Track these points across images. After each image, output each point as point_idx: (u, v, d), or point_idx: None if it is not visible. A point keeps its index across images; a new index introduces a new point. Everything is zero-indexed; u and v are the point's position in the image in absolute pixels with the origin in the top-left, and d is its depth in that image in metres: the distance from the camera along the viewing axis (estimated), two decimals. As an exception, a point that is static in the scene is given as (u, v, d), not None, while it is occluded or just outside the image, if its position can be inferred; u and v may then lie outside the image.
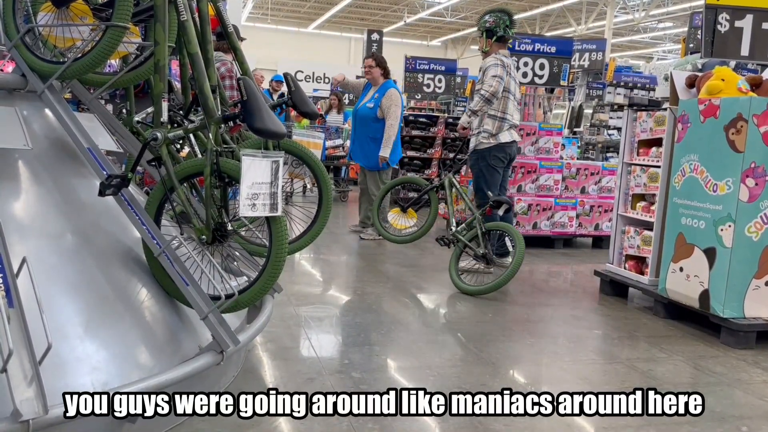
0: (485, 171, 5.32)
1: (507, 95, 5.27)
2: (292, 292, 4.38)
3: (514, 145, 5.41)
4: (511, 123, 5.35)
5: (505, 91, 5.23)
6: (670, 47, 29.53)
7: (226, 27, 3.12)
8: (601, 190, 6.97)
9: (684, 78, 4.35)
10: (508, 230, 4.71)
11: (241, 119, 2.51)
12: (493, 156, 5.30)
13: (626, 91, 12.56)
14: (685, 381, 3.12)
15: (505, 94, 5.26)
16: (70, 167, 2.67)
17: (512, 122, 5.36)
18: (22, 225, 2.33)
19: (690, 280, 3.92)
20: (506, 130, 5.31)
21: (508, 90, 5.28)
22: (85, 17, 2.73)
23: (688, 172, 3.99)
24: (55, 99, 2.65)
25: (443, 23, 28.95)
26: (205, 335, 2.55)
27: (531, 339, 3.66)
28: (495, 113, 5.28)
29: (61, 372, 2.02)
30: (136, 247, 2.64)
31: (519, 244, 4.51)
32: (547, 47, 7.21)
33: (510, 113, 5.32)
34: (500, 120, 5.29)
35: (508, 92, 5.28)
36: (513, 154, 5.49)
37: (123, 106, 4.30)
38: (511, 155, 5.45)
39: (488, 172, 5.31)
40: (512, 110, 5.34)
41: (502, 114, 5.29)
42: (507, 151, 5.35)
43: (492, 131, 5.29)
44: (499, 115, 5.29)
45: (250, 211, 2.34)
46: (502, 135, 5.28)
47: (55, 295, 2.20)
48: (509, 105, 5.31)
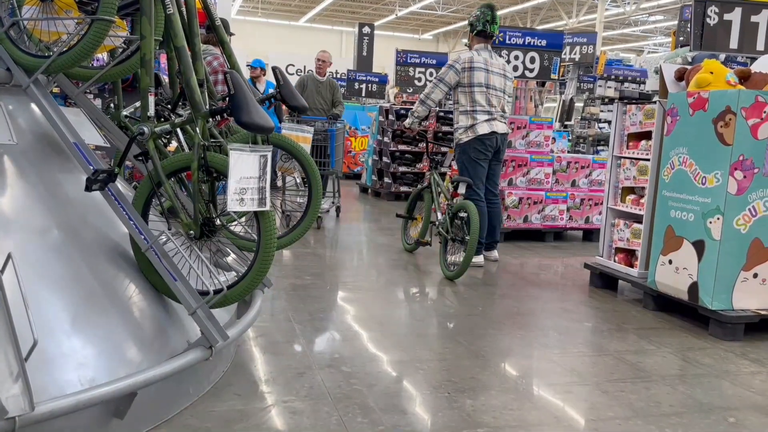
0: (467, 164, 5.33)
1: (471, 90, 5.26)
2: (282, 286, 4.37)
3: (495, 136, 5.29)
4: (489, 114, 5.28)
5: (469, 86, 5.25)
6: (660, 40, 29.62)
7: (213, 20, 3.10)
8: (591, 184, 6.99)
9: (673, 71, 4.36)
10: (464, 206, 4.82)
11: (228, 113, 2.49)
12: (473, 149, 5.28)
13: (617, 84, 12.61)
14: (674, 373, 3.14)
15: (470, 89, 5.26)
16: (57, 162, 2.65)
17: (490, 112, 5.28)
18: (7, 220, 2.31)
19: (679, 273, 3.94)
20: (484, 122, 5.25)
21: (473, 84, 5.25)
22: (70, 11, 2.70)
23: (677, 165, 4.00)
24: (41, 93, 2.63)
25: (435, 16, 28.91)
26: (194, 330, 2.55)
27: (521, 332, 3.67)
28: (465, 108, 5.29)
29: (48, 368, 2.01)
30: (124, 243, 2.63)
31: (473, 218, 4.62)
32: (537, 40, 7.21)
33: (482, 104, 5.25)
34: (471, 113, 5.27)
35: (473, 86, 5.25)
36: (497, 146, 5.37)
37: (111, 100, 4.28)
38: (495, 147, 5.35)
39: (471, 165, 5.32)
40: (484, 101, 5.26)
41: (472, 107, 5.26)
42: (487, 144, 5.28)
43: (467, 125, 5.28)
44: (469, 109, 5.27)
45: (238, 205, 2.33)
46: (479, 126, 5.24)
47: (41, 291, 2.19)
48: (477, 97, 5.25)
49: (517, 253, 6.05)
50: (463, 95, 5.27)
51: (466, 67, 5.23)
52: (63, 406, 1.90)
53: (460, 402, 2.67)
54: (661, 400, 2.80)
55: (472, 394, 2.75)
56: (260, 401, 2.58)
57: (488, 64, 5.30)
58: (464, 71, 5.23)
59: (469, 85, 5.25)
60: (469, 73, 5.23)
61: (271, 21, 30.89)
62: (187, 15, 2.80)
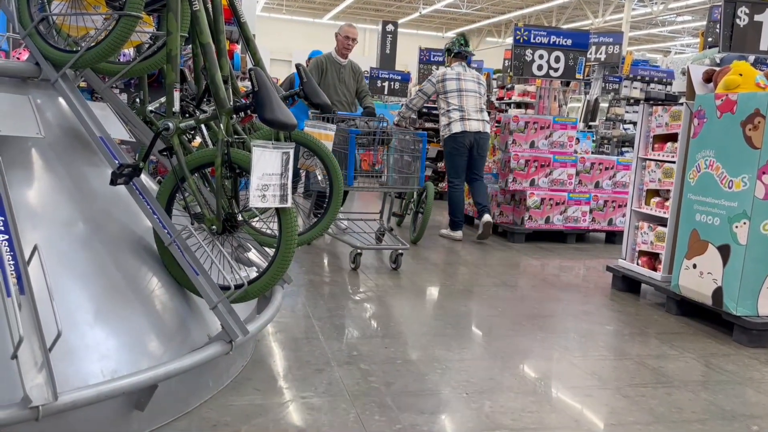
0: (447, 157, 6.42)
1: (446, 95, 6.26)
2: (302, 282, 4.39)
3: (466, 135, 6.16)
4: (462, 112, 6.18)
5: (444, 93, 6.26)
6: (688, 41, 29.19)
7: (239, 17, 3.12)
8: (615, 185, 6.91)
9: (701, 72, 4.29)
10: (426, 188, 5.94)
11: (252, 110, 2.50)
12: (449, 145, 6.29)
13: (643, 85, 12.44)
14: (696, 379, 3.10)
15: (445, 95, 6.26)
16: (83, 156, 2.69)
17: (462, 111, 6.19)
18: (34, 213, 2.35)
19: (703, 277, 3.88)
20: (457, 121, 6.17)
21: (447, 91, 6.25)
22: (98, 6, 2.73)
23: (703, 168, 3.94)
24: (69, 88, 2.67)
25: (458, 14, 28.79)
26: (214, 325, 2.57)
27: (541, 334, 3.65)
28: (443, 110, 6.30)
29: (71, 359, 2.04)
30: (147, 236, 2.66)
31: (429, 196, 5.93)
32: (562, 40, 7.14)
33: (455, 105, 6.20)
34: (447, 114, 6.26)
35: (447, 92, 6.25)
36: (472, 143, 6.22)
37: (137, 95, 4.33)
38: (469, 143, 6.22)
39: (449, 158, 6.37)
40: (457, 102, 6.20)
41: (447, 108, 6.25)
42: (459, 140, 6.19)
43: (444, 124, 6.29)
44: (445, 110, 6.28)
45: (260, 201, 2.34)
46: (453, 125, 6.19)
47: (66, 283, 2.22)
48: (452, 100, 6.22)
49: (538, 255, 6.01)
50: (442, 100, 6.32)
51: (440, 79, 6.34)
52: (85, 396, 1.92)
53: (478, 403, 2.65)
54: (683, 406, 2.76)
55: (490, 395, 2.74)
56: (279, 396, 2.60)
57: (460, 75, 6.33)
58: (439, 82, 6.33)
59: (444, 92, 6.29)
60: (443, 84, 6.31)
61: (295, 18, 31.01)
62: (213, 12, 2.82)
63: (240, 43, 5.87)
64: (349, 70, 6.33)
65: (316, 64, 6.27)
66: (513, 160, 6.59)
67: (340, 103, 6.22)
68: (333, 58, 6.25)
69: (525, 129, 6.73)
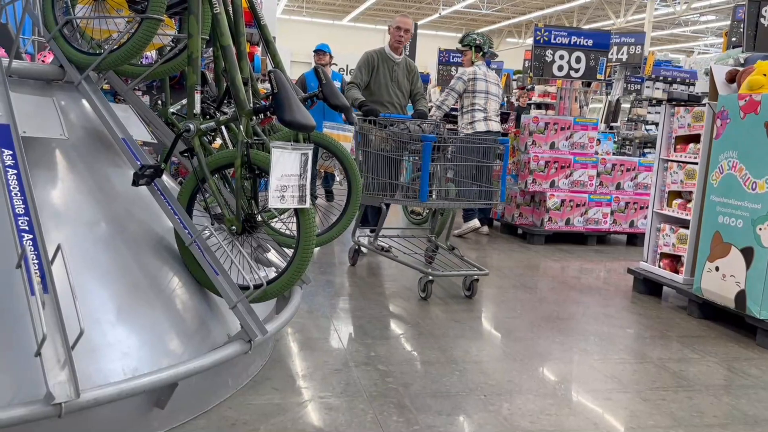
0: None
1: (474, 95, 6.26)
2: (320, 283, 4.41)
3: (489, 135, 6.08)
4: (485, 113, 6.25)
5: (473, 92, 6.26)
6: (711, 41, 28.79)
7: (259, 19, 3.14)
8: (636, 187, 6.84)
9: (724, 73, 4.23)
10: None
11: (271, 111, 2.52)
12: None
13: (665, 85, 12.29)
14: (718, 383, 3.06)
15: (473, 95, 6.26)
16: (105, 157, 2.73)
17: (486, 113, 6.25)
18: (57, 212, 2.39)
19: (726, 280, 3.83)
20: (481, 121, 6.21)
21: (476, 91, 6.27)
22: (121, 9, 2.77)
23: (726, 170, 3.89)
24: (92, 90, 2.71)
25: (479, 15, 28.69)
26: (234, 324, 2.59)
27: (560, 336, 3.62)
28: (467, 109, 6.29)
29: (93, 357, 2.07)
30: (168, 236, 2.69)
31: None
32: (583, 40, 7.08)
33: (481, 107, 6.24)
34: (471, 112, 6.26)
35: (476, 93, 6.26)
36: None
37: (159, 97, 4.38)
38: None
39: None
40: (483, 105, 6.26)
41: (472, 108, 6.26)
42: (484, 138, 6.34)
43: (468, 122, 6.30)
44: (470, 109, 6.27)
45: (279, 202, 2.35)
46: (477, 124, 6.21)
47: (89, 282, 2.25)
48: (478, 101, 6.24)
49: (557, 256, 5.97)
50: (468, 98, 6.28)
51: (471, 78, 6.26)
52: (107, 394, 1.95)
53: (496, 405, 2.65)
54: (705, 411, 2.73)
55: (509, 398, 2.73)
56: (297, 396, 2.61)
57: (487, 77, 6.36)
58: (470, 80, 6.26)
59: (473, 92, 6.26)
60: (473, 82, 6.27)
61: (315, 20, 31.13)
62: (234, 14, 2.85)
63: (260, 45, 5.90)
64: (404, 68, 5.54)
65: (366, 60, 5.43)
66: (533, 161, 6.56)
67: (391, 106, 5.43)
68: (386, 54, 5.45)
69: (545, 130, 6.69)
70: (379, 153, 4.59)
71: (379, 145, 4.63)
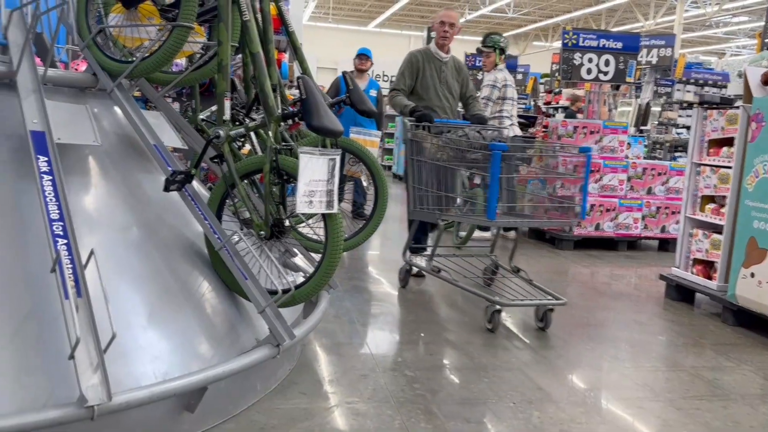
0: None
1: (504, 101, 6.32)
2: (347, 288, 4.41)
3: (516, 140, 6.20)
4: (511, 119, 6.34)
5: (503, 99, 6.30)
6: (744, 42, 28.23)
7: (287, 26, 3.16)
8: (668, 191, 6.73)
9: (759, 75, 4.15)
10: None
11: (299, 117, 2.54)
12: None
13: (696, 88, 12.09)
14: (754, 392, 2.98)
15: (503, 101, 6.31)
16: (137, 163, 2.77)
17: (512, 121, 6.36)
18: (90, 218, 2.43)
19: (762, 287, 3.74)
20: (508, 128, 6.18)
21: (506, 98, 6.33)
22: (152, 18, 2.82)
23: (761, 174, 3.80)
24: (124, 97, 2.75)
25: (505, 19, 28.55)
26: (262, 328, 2.60)
27: (591, 343, 3.57)
28: (493, 115, 6.26)
29: (124, 360, 2.10)
30: (198, 241, 2.71)
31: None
32: (612, 43, 7.00)
33: (509, 113, 6.33)
34: (500, 118, 6.29)
35: (506, 99, 6.32)
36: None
37: (189, 104, 4.44)
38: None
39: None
40: (510, 111, 6.37)
41: (500, 114, 6.30)
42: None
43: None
44: (498, 116, 6.30)
45: (307, 208, 2.36)
46: (505, 131, 6.06)
47: (120, 286, 2.28)
48: (507, 107, 6.33)
49: (587, 262, 5.89)
50: (496, 105, 6.29)
51: (504, 84, 6.29)
52: (138, 397, 1.97)
53: (526, 413, 2.61)
54: (740, 420, 2.66)
55: (539, 405, 2.69)
56: (324, 401, 2.61)
57: (511, 82, 6.42)
58: (504, 87, 6.28)
59: (503, 98, 6.28)
60: (505, 89, 6.29)
61: (341, 26, 31.27)
62: (263, 21, 2.87)
63: (288, 51, 5.94)
64: (452, 68, 4.96)
65: (409, 62, 4.87)
66: (561, 165, 6.48)
67: (442, 111, 4.86)
68: (432, 53, 4.88)
69: (573, 134, 6.62)
70: (434, 162, 4.08)
71: (435, 154, 4.13)
